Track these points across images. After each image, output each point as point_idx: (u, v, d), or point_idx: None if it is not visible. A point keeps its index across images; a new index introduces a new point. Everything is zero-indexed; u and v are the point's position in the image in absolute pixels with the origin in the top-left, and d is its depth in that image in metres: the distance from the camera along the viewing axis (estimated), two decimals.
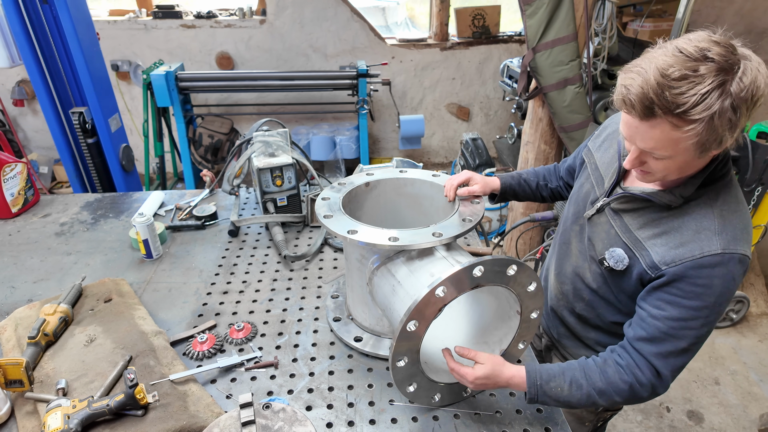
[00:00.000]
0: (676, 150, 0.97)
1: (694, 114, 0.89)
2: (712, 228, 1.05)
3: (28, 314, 1.54)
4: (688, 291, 1.05)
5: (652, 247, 1.11)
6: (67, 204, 2.37)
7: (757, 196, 2.90)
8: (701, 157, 0.99)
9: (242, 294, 1.73)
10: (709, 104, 0.88)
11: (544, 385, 1.14)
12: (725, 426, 2.67)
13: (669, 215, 1.11)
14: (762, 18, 4.77)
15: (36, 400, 1.24)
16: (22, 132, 5.42)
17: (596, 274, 1.30)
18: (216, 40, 5.07)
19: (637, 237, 1.15)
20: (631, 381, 1.11)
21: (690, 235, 1.06)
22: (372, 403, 1.30)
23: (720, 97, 0.88)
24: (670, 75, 0.90)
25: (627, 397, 1.13)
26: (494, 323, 1.37)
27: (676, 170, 1.04)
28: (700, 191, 1.08)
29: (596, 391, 1.12)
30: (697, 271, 1.04)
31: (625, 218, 1.20)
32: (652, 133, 0.96)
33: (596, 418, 1.68)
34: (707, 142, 0.94)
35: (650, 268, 1.11)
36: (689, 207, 1.09)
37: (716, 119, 0.89)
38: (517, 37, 5.31)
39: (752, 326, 3.37)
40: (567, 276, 1.42)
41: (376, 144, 5.77)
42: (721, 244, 1.03)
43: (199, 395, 1.27)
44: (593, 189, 1.32)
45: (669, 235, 1.09)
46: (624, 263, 1.17)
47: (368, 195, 1.62)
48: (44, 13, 2.91)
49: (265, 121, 2.35)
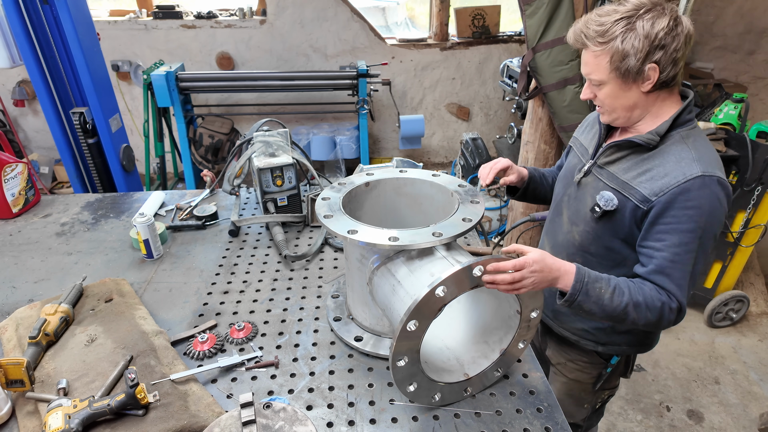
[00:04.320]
0: (600, 72, 1.23)
1: (603, 38, 1.18)
2: (689, 157, 1.21)
3: (29, 314, 1.54)
4: (680, 216, 1.19)
5: (640, 184, 1.26)
6: (68, 204, 2.38)
7: (757, 195, 2.90)
8: (627, 88, 1.22)
9: (243, 294, 1.74)
10: (613, 32, 1.17)
11: (591, 282, 1.18)
12: (725, 425, 2.67)
13: (649, 157, 1.28)
14: (762, 18, 4.77)
15: (37, 400, 1.25)
16: (22, 132, 5.43)
17: (585, 233, 1.43)
18: (216, 40, 5.07)
19: (624, 180, 1.30)
20: (664, 300, 1.22)
21: (671, 166, 1.22)
22: (372, 403, 1.30)
23: (624, 27, 1.16)
24: (598, 14, 1.21)
25: (657, 316, 1.22)
26: (494, 323, 1.37)
27: (618, 103, 1.26)
28: (672, 133, 1.26)
29: (633, 303, 1.20)
30: (685, 195, 1.18)
31: (610, 169, 1.35)
32: (586, 59, 1.25)
33: (594, 398, 1.76)
34: (620, 65, 1.19)
35: (642, 202, 1.25)
36: (665, 147, 1.26)
37: (619, 43, 1.17)
38: (517, 37, 5.31)
39: (752, 326, 3.38)
40: (560, 245, 1.53)
41: (376, 144, 5.77)
42: (700, 168, 1.19)
43: (200, 395, 1.27)
44: (579, 160, 1.50)
45: (653, 171, 1.25)
46: (614, 203, 1.31)
47: (368, 195, 1.62)
48: (45, 14, 2.91)
49: (266, 121, 2.35)
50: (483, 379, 1.32)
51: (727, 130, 3.00)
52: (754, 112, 4.93)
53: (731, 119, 3.08)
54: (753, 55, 4.96)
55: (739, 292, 3.24)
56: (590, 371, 1.68)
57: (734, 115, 3.08)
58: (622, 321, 1.24)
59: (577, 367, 1.69)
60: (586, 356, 1.66)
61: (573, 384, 1.73)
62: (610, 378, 1.69)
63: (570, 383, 1.74)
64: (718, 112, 3.15)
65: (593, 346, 1.60)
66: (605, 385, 1.71)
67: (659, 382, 2.94)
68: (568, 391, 1.75)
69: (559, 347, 1.73)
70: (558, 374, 1.76)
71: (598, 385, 1.69)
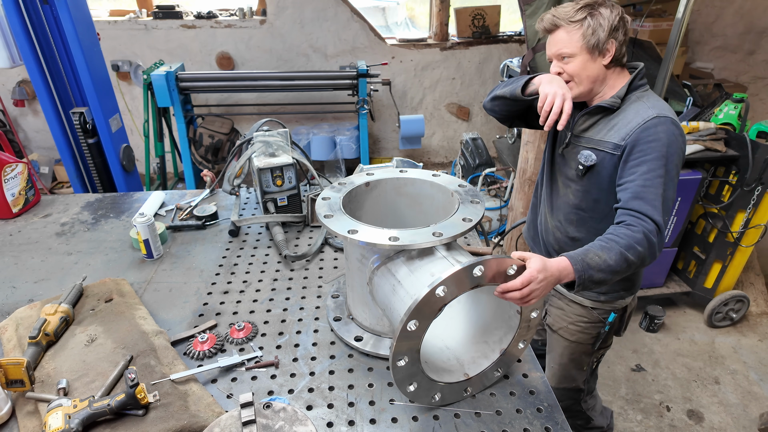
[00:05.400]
0: (572, 46, 1.48)
1: (576, 17, 1.47)
2: (645, 107, 1.49)
3: (29, 314, 1.54)
4: (645, 149, 1.43)
5: (609, 137, 1.53)
6: (68, 204, 2.38)
7: (757, 195, 2.90)
8: (594, 60, 1.49)
9: (243, 294, 1.74)
10: (582, 13, 1.46)
11: (585, 258, 1.26)
12: (725, 425, 2.67)
13: (614, 116, 1.55)
14: (762, 18, 4.77)
15: (37, 400, 1.25)
16: (22, 132, 5.43)
17: (576, 191, 1.65)
18: (216, 40, 5.07)
19: (598, 139, 1.56)
20: (643, 230, 1.33)
21: (632, 116, 1.50)
22: (372, 403, 1.30)
23: (590, 10, 1.46)
24: (561, 6, 1.51)
25: (645, 246, 1.32)
26: (494, 323, 1.37)
27: (584, 74, 1.51)
28: (629, 95, 1.54)
29: (623, 247, 1.30)
30: (645, 132, 1.43)
31: (586, 135, 1.61)
32: (557, 38, 1.51)
33: (591, 359, 1.94)
34: (590, 39, 1.46)
35: (614, 149, 1.50)
36: (625, 106, 1.54)
37: (589, 20, 1.46)
38: (517, 37, 5.31)
39: (752, 326, 3.38)
40: (559, 208, 1.74)
41: (376, 144, 5.77)
42: (655, 111, 1.46)
43: (200, 395, 1.27)
44: (562, 135, 1.72)
45: (618, 125, 1.52)
46: (593, 158, 1.56)
47: (368, 195, 1.62)
48: (45, 14, 2.91)
49: (266, 121, 2.35)
50: (483, 379, 1.32)
51: (727, 130, 3.00)
52: (754, 112, 4.93)
53: (731, 119, 3.08)
54: (753, 55, 4.96)
55: (739, 292, 3.24)
56: (590, 331, 1.83)
57: (734, 115, 3.08)
58: (627, 270, 1.33)
59: (578, 329, 1.84)
60: (586, 316, 1.80)
61: (575, 347, 1.88)
62: (607, 336, 1.86)
63: (572, 346, 1.88)
64: (718, 112, 3.15)
65: (595, 296, 1.77)
66: (602, 344, 1.88)
67: (659, 382, 2.94)
68: (571, 355, 1.90)
69: (560, 311, 1.87)
70: (560, 339, 1.90)
71: (597, 344, 1.86)
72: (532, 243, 1.97)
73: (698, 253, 3.31)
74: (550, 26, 1.52)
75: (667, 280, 3.46)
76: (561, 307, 1.87)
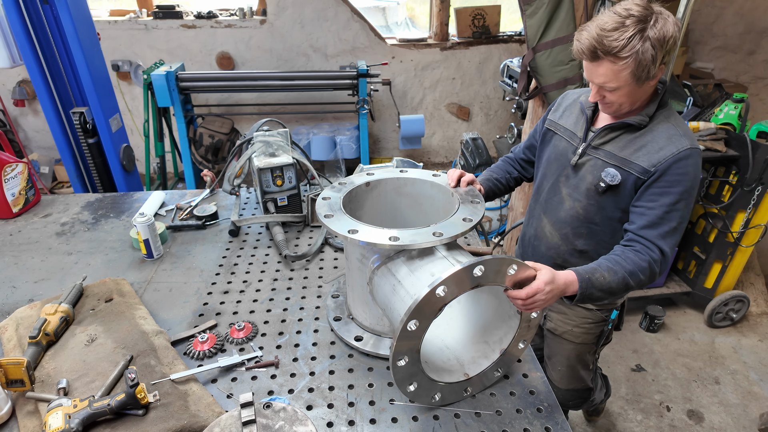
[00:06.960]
0: (619, 81, 1.33)
1: (624, 53, 1.27)
2: (678, 133, 1.41)
3: (29, 314, 1.54)
4: (672, 180, 1.38)
5: (638, 159, 1.43)
6: (68, 204, 2.37)
7: (757, 195, 2.90)
8: (640, 87, 1.36)
9: (243, 294, 1.74)
10: (633, 45, 1.26)
11: (591, 277, 1.31)
12: (725, 425, 2.67)
13: (639, 135, 1.46)
14: (762, 18, 4.77)
15: (37, 400, 1.25)
16: (22, 132, 5.42)
17: (590, 206, 1.57)
18: (216, 40, 5.07)
19: (623, 157, 1.47)
20: (649, 259, 1.37)
21: (664, 141, 1.41)
22: (372, 403, 1.30)
23: (640, 39, 1.26)
24: (606, 28, 1.28)
25: (648, 274, 1.37)
26: (494, 323, 1.37)
27: (628, 100, 1.40)
28: (656, 113, 1.45)
29: (627, 273, 1.35)
30: (678, 163, 1.38)
31: (606, 148, 1.51)
32: (600, 71, 1.34)
33: (594, 357, 1.95)
34: (640, 73, 1.30)
35: (642, 174, 1.42)
36: (652, 126, 1.45)
37: (640, 55, 1.27)
38: (517, 37, 5.30)
39: (752, 326, 3.37)
40: (564, 220, 1.65)
41: (376, 144, 5.77)
42: (689, 142, 1.39)
43: (200, 395, 1.27)
44: (569, 144, 1.62)
45: (647, 147, 1.43)
46: (618, 178, 1.47)
47: (368, 195, 1.62)
48: (45, 13, 2.91)
49: (266, 121, 2.35)
50: (483, 379, 1.32)
51: (728, 130, 3.00)
52: (754, 112, 4.93)
53: (731, 119, 3.08)
54: (753, 55, 4.96)
55: (739, 292, 3.24)
56: (594, 331, 1.84)
57: (734, 115, 3.08)
58: (624, 292, 1.40)
59: (582, 330, 1.84)
60: (590, 317, 1.80)
61: (581, 348, 1.88)
62: (609, 333, 1.89)
63: (578, 348, 1.88)
64: (719, 112, 3.15)
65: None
66: (605, 341, 1.91)
67: (659, 382, 2.94)
68: (578, 356, 1.91)
69: (563, 315, 1.86)
70: (565, 342, 1.89)
71: (601, 342, 1.88)
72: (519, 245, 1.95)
73: (698, 253, 3.31)
74: (591, 56, 1.33)
75: (667, 280, 3.46)
76: (563, 312, 1.85)
